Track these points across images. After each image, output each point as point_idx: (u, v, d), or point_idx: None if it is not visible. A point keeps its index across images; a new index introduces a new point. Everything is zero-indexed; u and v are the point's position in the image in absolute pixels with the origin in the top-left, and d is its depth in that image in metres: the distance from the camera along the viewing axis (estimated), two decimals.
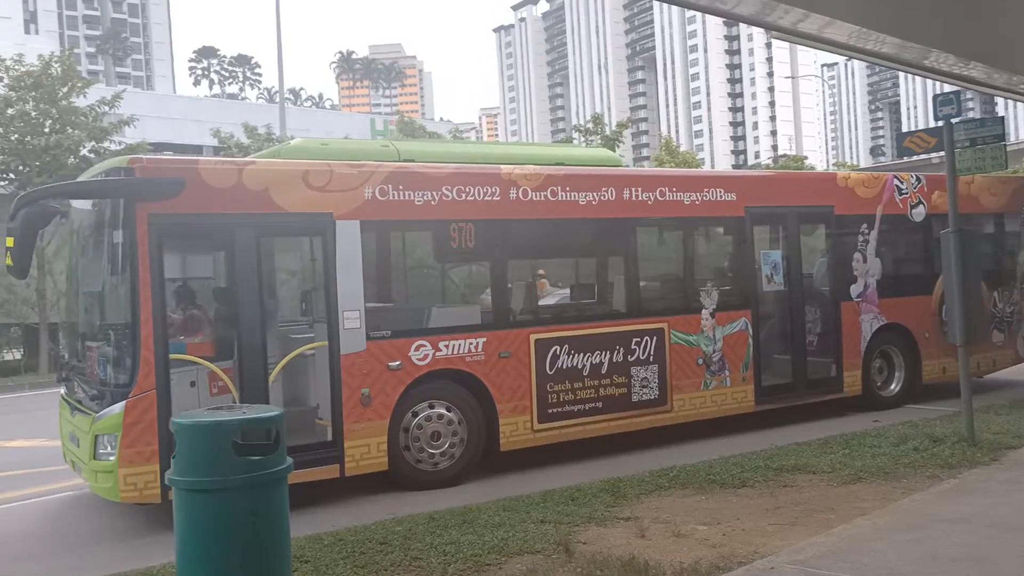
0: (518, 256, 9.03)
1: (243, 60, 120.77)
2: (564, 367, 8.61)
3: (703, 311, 9.53)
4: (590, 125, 32.02)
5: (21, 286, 17.66)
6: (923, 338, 11.20)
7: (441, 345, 7.99)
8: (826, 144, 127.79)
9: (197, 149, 38.02)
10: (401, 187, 7.92)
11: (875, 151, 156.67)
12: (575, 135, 35.31)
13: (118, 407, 6.78)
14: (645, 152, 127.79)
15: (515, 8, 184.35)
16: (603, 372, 8.82)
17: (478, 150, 10.80)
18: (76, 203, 7.95)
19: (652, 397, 9.13)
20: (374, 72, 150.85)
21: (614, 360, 8.89)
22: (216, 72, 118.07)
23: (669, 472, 7.60)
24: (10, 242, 6.94)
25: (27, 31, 78.48)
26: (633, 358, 9.02)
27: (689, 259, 9.94)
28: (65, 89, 20.53)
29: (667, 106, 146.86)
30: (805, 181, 12.06)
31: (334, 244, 7.58)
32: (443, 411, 8.01)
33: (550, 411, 8.52)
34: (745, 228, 10.00)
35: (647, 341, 9.10)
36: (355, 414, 7.55)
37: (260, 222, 7.36)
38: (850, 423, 9.85)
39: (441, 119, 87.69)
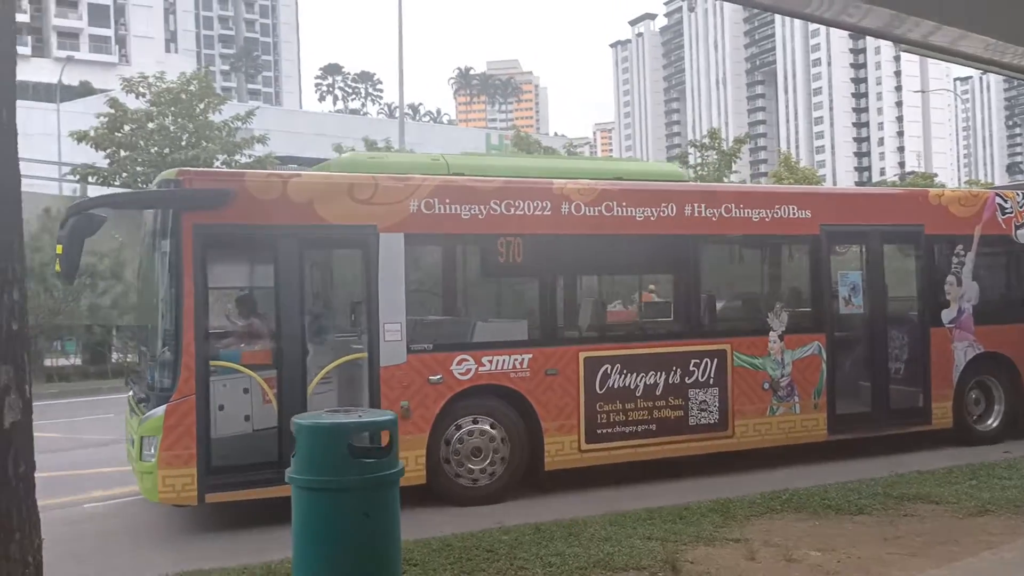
0: (568, 272, 8.77)
1: (365, 77, 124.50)
2: (615, 387, 8.37)
3: (771, 333, 9.12)
4: (706, 140, 31.58)
5: None
6: None
7: (484, 360, 7.92)
8: (958, 161, 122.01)
9: (320, 163, 39.28)
10: (448, 200, 7.91)
11: (1011, 168, 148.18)
12: (690, 150, 34.86)
13: (160, 410, 7.02)
14: (763, 168, 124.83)
15: (632, 23, 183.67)
16: (658, 393, 8.54)
17: (535, 164, 10.43)
18: (141, 212, 8.25)
19: (711, 421, 8.76)
20: (491, 87, 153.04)
21: (670, 381, 8.59)
22: (340, 88, 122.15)
23: (781, 495, 7.42)
24: (59, 249, 7.21)
25: (167, 50, 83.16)
26: (691, 380, 8.68)
27: (756, 279, 9.61)
28: (202, 105, 21.67)
29: (787, 121, 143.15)
30: (891, 199, 11.07)
31: (377, 256, 7.64)
32: (486, 427, 7.94)
33: (599, 431, 8.31)
34: (821, 248, 9.49)
35: (707, 362, 8.75)
36: None
37: (303, 234, 7.50)
38: (942, 457, 9.22)
39: (555, 134, 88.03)
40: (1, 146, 4.00)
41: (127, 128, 21.22)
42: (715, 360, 8.79)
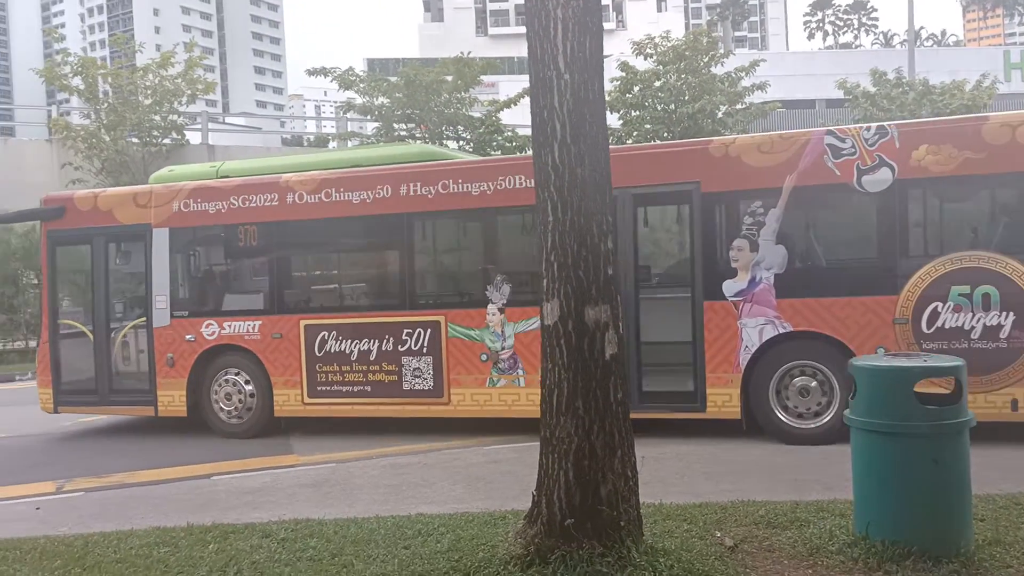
0: (295, 252, 10.24)
1: (859, 6, 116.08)
2: (332, 351, 9.64)
3: (489, 305, 9.13)
4: None
5: None
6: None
7: (226, 325, 10.06)
8: None
9: (810, 104, 37.90)
10: (200, 200, 10.14)
11: None
12: None
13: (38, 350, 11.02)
14: None
15: None
16: (372, 359, 9.49)
17: (300, 161, 11.10)
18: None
19: (426, 388, 9.34)
20: None
21: (383, 349, 9.45)
22: (830, 23, 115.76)
23: None
24: None
25: (659, 9, 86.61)
26: (404, 348, 9.39)
27: (475, 253, 9.69)
28: (706, 59, 22.22)
29: None
30: (644, 158, 8.98)
31: (151, 246, 10.28)
32: (233, 376, 10.08)
33: (319, 388, 9.71)
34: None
35: (420, 333, 9.34)
36: (163, 372, 10.19)
37: (107, 232, 10.53)
38: None
39: None
40: (594, 113, 4.59)
41: (636, 89, 22.57)
42: (428, 331, 9.35)
